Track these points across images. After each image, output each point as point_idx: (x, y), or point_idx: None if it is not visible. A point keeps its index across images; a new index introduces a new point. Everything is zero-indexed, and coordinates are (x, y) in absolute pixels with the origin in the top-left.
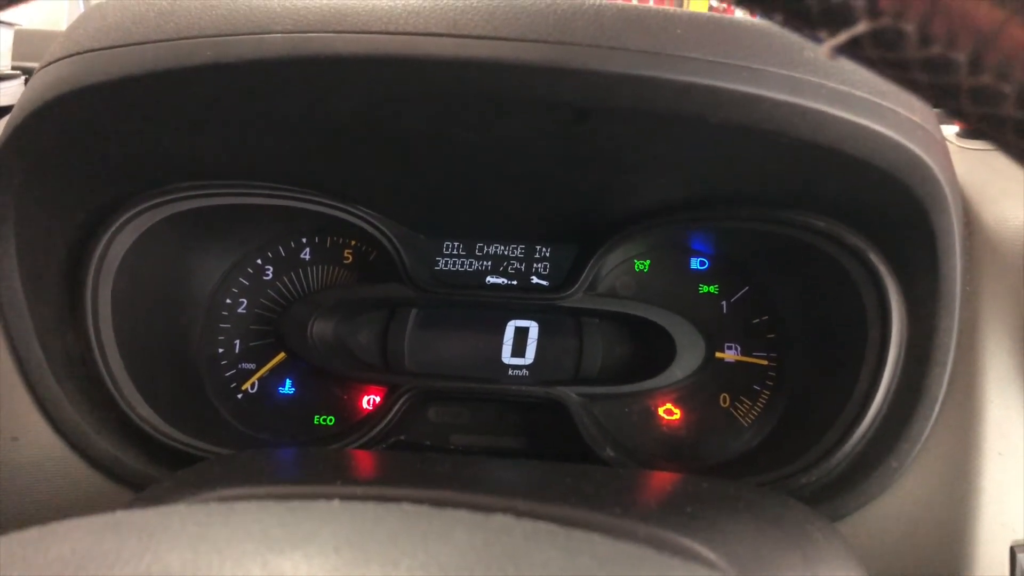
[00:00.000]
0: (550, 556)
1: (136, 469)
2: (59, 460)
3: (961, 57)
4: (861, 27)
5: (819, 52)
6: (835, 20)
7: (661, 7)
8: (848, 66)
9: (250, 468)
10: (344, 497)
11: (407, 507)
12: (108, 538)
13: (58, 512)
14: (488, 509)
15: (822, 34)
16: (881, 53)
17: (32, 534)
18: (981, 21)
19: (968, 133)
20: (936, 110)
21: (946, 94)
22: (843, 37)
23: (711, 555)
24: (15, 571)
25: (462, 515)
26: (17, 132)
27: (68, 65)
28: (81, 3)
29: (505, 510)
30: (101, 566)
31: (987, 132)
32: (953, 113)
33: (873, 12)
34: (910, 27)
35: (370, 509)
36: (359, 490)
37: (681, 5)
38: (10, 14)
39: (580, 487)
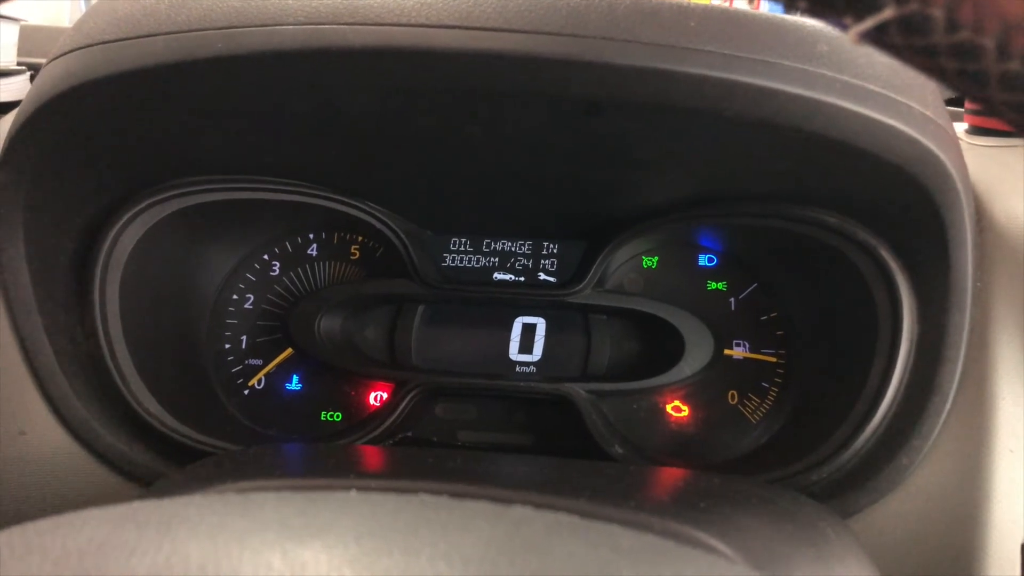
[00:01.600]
0: (572, 548)
1: (143, 464)
2: (66, 455)
3: (989, 43)
4: (888, 13)
5: (845, 39)
6: (861, 6)
7: (675, 0)
8: (862, 60)
9: (260, 462)
10: (360, 489)
11: (426, 498)
12: (126, 528)
13: (65, 506)
14: (506, 501)
15: (847, 20)
16: (908, 40)
17: (48, 524)
18: (1010, 6)
19: (978, 129)
20: (949, 107)
21: (974, 81)
22: (869, 23)
23: (726, 549)
24: (34, 561)
25: (482, 506)
26: (26, 125)
27: (78, 57)
28: (83, 3)
29: (522, 503)
30: (120, 556)
31: (1016, 120)
32: (981, 101)
33: None
34: (937, 12)
35: (389, 500)
36: (373, 483)
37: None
38: (16, 10)
39: (592, 482)
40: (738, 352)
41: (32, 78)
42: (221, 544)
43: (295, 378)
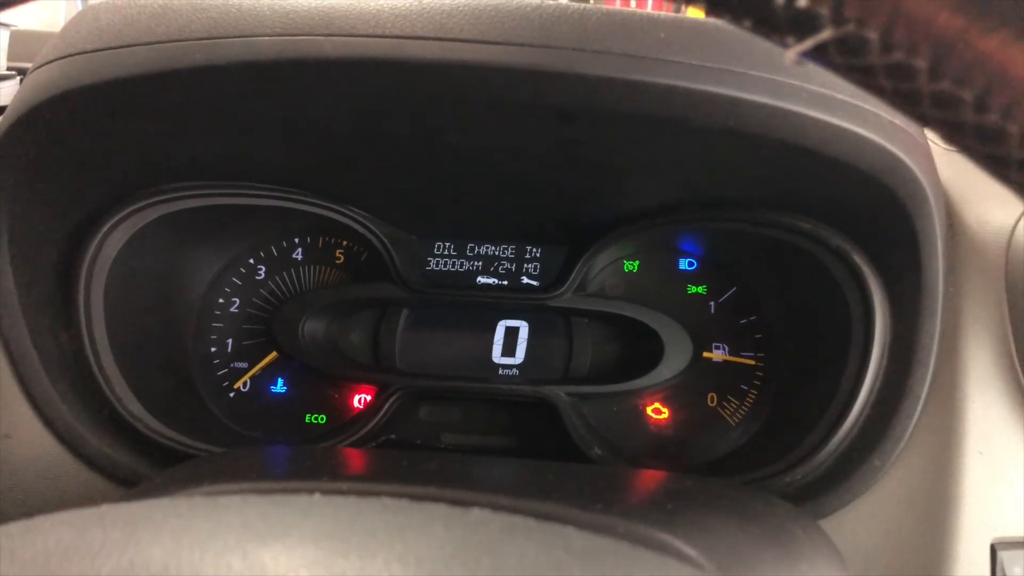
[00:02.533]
0: (525, 549)
1: (128, 467)
2: (51, 458)
3: (922, 64)
4: (826, 34)
5: (786, 57)
6: (801, 27)
7: (644, 11)
8: None
9: (238, 465)
10: (327, 492)
11: (387, 501)
12: (92, 531)
13: (50, 509)
14: (467, 504)
15: (789, 40)
16: (846, 59)
17: (17, 527)
18: (940, 29)
19: None
20: None
21: (908, 99)
22: (809, 43)
23: (690, 551)
24: (2, 563)
25: (440, 509)
26: (10, 133)
27: (61, 66)
28: (79, 4)
29: (484, 506)
30: (85, 558)
31: (948, 137)
32: (916, 118)
33: (837, 19)
34: (873, 34)
35: (350, 503)
36: (343, 486)
37: (679, 11)
38: (7, 15)
39: (563, 484)
40: (717, 355)
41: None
42: (184, 546)
43: (280, 381)
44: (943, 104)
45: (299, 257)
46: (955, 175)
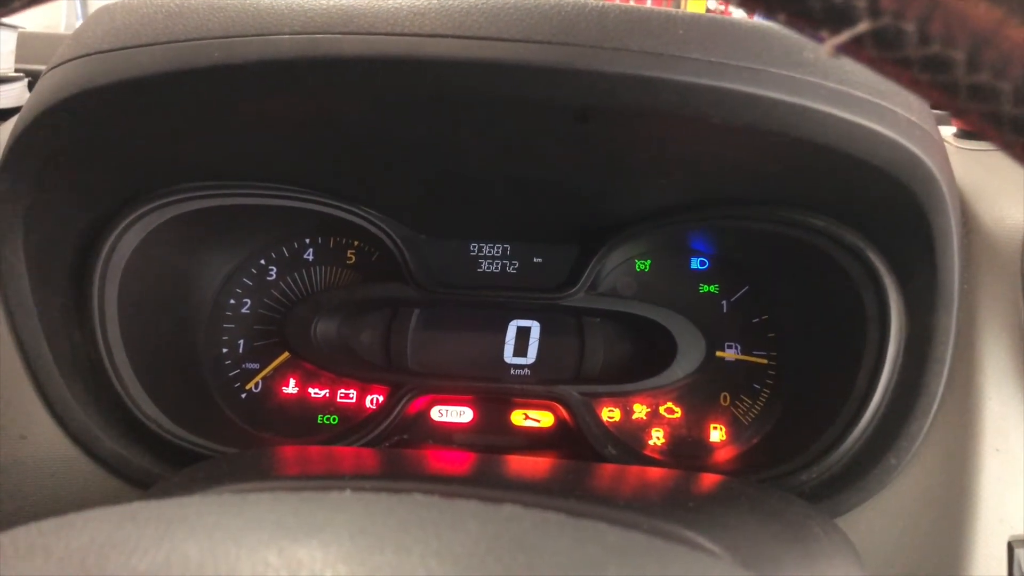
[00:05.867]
0: (559, 545)
1: (141, 467)
2: (66, 458)
3: (959, 56)
4: (862, 26)
5: (821, 51)
6: (837, 20)
7: (662, 8)
8: (847, 66)
9: (258, 465)
10: (357, 489)
11: (418, 498)
12: (127, 528)
13: (64, 509)
14: (497, 501)
15: (824, 34)
16: (882, 52)
17: (50, 525)
18: (978, 20)
19: (966, 133)
20: (934, 111)
21: (945, 92)
22: (844, 36)
23: (713, 547)
24: (37, 560)
25: (472, 505)
26: (26, 133)
27: (77, 66)
28: (78, 6)
29: (513, 503)
30: (121, 555)
31: (985, 130)
32: (952, 111)
33: (874, 12)
34: (910, 26)
35: (382, 499)
36: (368, 484)
37: (679, 7)
38: (14, 17)
39: (584, 482)
40: (730, 354)
41: (30, 85)
42: (219, 543)
43: (292, 381)
44: (981, 97)
45: (310, 258)
46: (970, 173)
